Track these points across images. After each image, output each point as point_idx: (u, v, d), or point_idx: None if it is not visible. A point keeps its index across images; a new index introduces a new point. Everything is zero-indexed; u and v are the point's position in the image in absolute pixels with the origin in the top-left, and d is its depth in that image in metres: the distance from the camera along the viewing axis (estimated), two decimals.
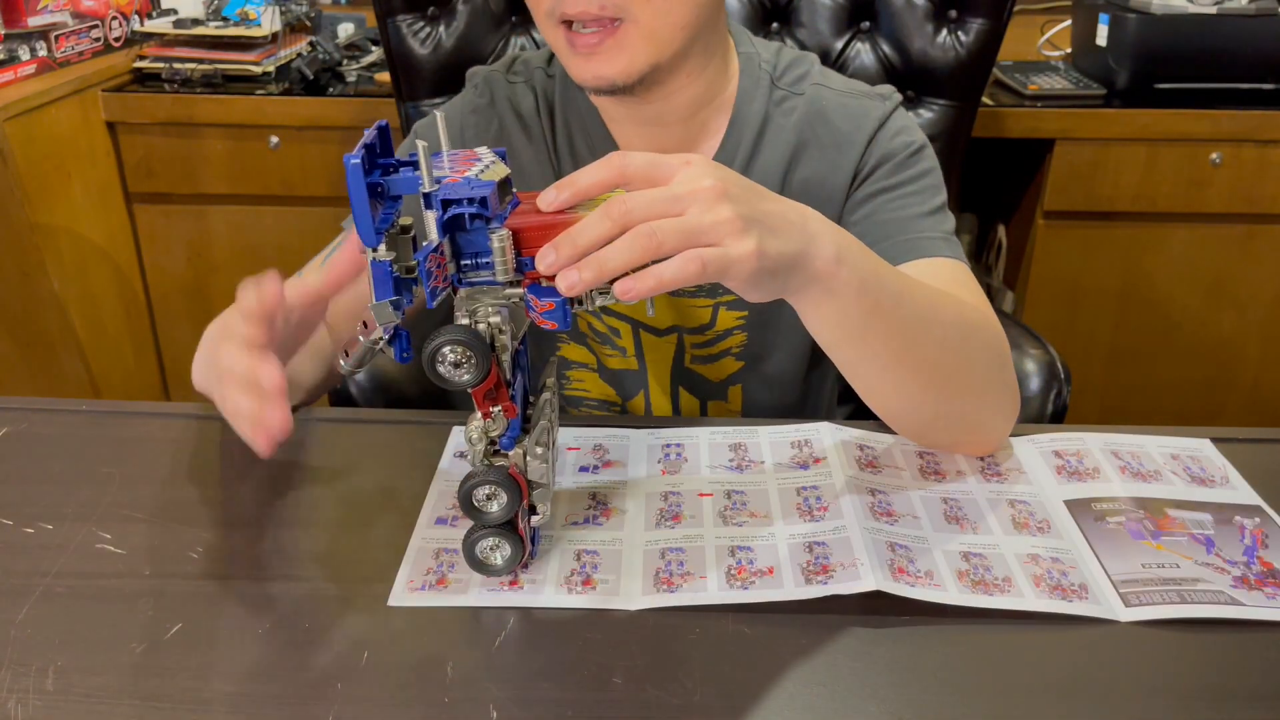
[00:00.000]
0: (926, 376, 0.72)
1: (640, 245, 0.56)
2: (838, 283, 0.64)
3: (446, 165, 0.60)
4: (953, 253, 0.85)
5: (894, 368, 0.71)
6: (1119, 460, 0.78)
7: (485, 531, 0.63)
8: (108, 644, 0.60)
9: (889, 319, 0.68)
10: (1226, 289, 1.86)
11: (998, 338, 0.78)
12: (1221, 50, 1.74)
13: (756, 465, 0.77)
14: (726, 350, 0.98)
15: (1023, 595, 0.64)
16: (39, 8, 1.70)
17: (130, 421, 0.85)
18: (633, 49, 0.80)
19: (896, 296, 0.69)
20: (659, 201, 0.57)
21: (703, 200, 0.58)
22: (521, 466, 0.64)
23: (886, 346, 0.69)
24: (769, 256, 0.60)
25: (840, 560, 0.66)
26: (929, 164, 0.91)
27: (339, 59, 1.93)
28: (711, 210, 0.58)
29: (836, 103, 0.92)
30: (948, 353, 0.72)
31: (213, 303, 1.95)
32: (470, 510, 0.63)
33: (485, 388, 0.60)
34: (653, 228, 0.56)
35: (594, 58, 0.81)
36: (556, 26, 0.81)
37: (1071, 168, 1.76)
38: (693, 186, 0.58)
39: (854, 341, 0.69)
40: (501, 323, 0.60)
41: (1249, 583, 0.65)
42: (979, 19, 1.32)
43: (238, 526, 0.71)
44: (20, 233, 1.65)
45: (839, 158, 0.91)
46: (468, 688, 0.57)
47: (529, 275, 0.58)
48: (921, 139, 0.92)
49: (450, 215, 0.57)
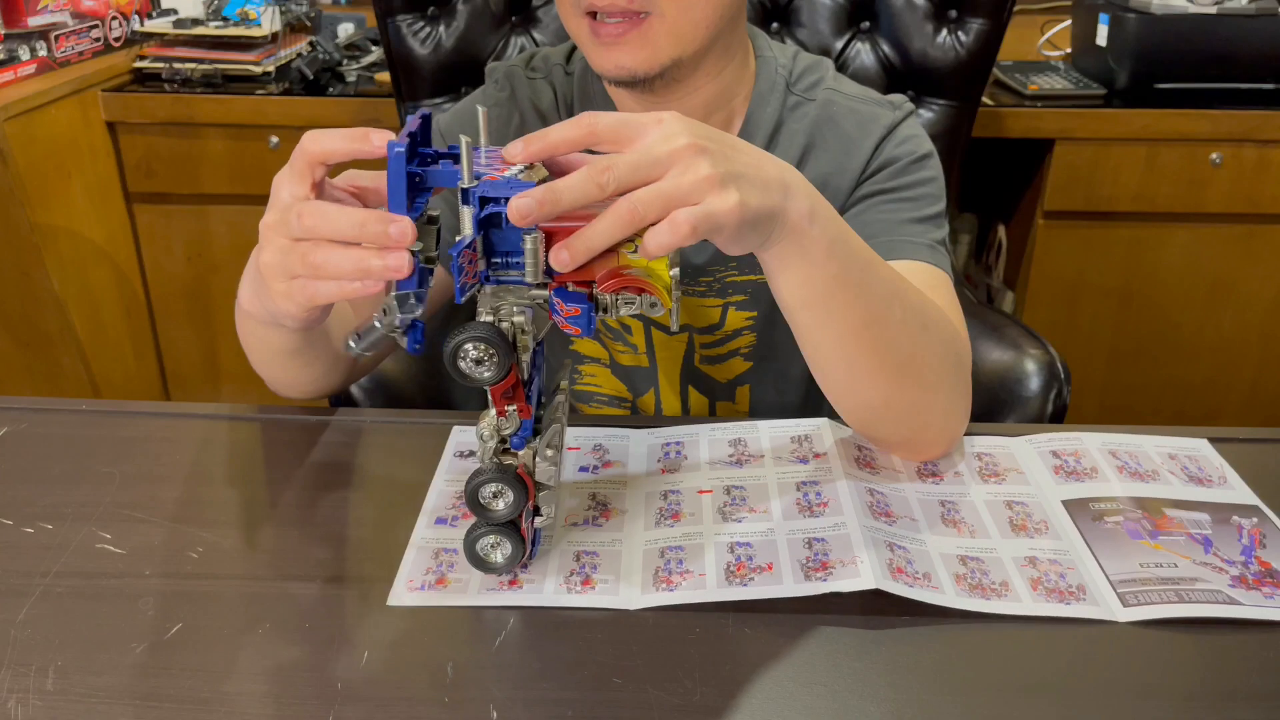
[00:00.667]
0: (881, 357, 0.71)
1: (624, 220, 0.56)
2: (808, 240, 0.65)
3: (484, 161, 0.60)
4: (935, 260, 0.85)
5: (850, 341, 0.70)
6: (1117, 460, 0.78)
7: (487, 529, 0.63)
8: (108, 644, 0.60)
9: (853, 288, 0.68)
10: (1226, 289, 1.86)
11: (958, 339, 0.78)
12: (1221, 50, 1.74)
13: (756, 459, 0.77)
14: (735, 351, 0.99)
15: (1020, 599, 0.64)
16: (39, 8, 1.70)
17: (130, 421, 0.85)
18: (656, 42, 0.81)
19: (864, 267, 0.69)
20: (641, 165, 0.57)
21: (682, 159, 0.58)
22: (530, 467, 0.64)
23: (846, 317, 0.69)
24: (750, 209, 0.60)
25: (840, 557, 0.66)
26: (931, 173, 0.91)
27: (339, 59, 1.93)
28: (690, 169, 0.58)
29: (847, 108, 0.92)
30: (906, 338, 0.72)
31: (213, 302, 1.95)
32: (476, 507, 0.63)
33: (504, 386, 0.60)
34: (634, 201, 0.56)
35: (617, 47, 0.81)
36: (581, 16, 0.82)
37: (1071, 168, 1.76)
38: (670, 146, 0.58)
39: (815, 305, 0.69)
40: (525, 323, 0.60)
41: (1247, 582, 0.65)
42: (979, 19, 1.32)
43: (238, 526, 0.71)
44: (20, 232, 1.66)
45: (845, 160, 0.91)
46: (468, 688, 0.57)
47: (556, 279, 0.58)
48: (927, 148, 0.92)
49: (487, 213, 0.57)
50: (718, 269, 0.94)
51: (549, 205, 0.55)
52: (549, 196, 0.55)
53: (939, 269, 0.84)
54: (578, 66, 0.95)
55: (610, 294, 0.58)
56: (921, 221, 0.88)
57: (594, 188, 0.56)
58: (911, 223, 0.87)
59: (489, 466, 0.62)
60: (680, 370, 1.00)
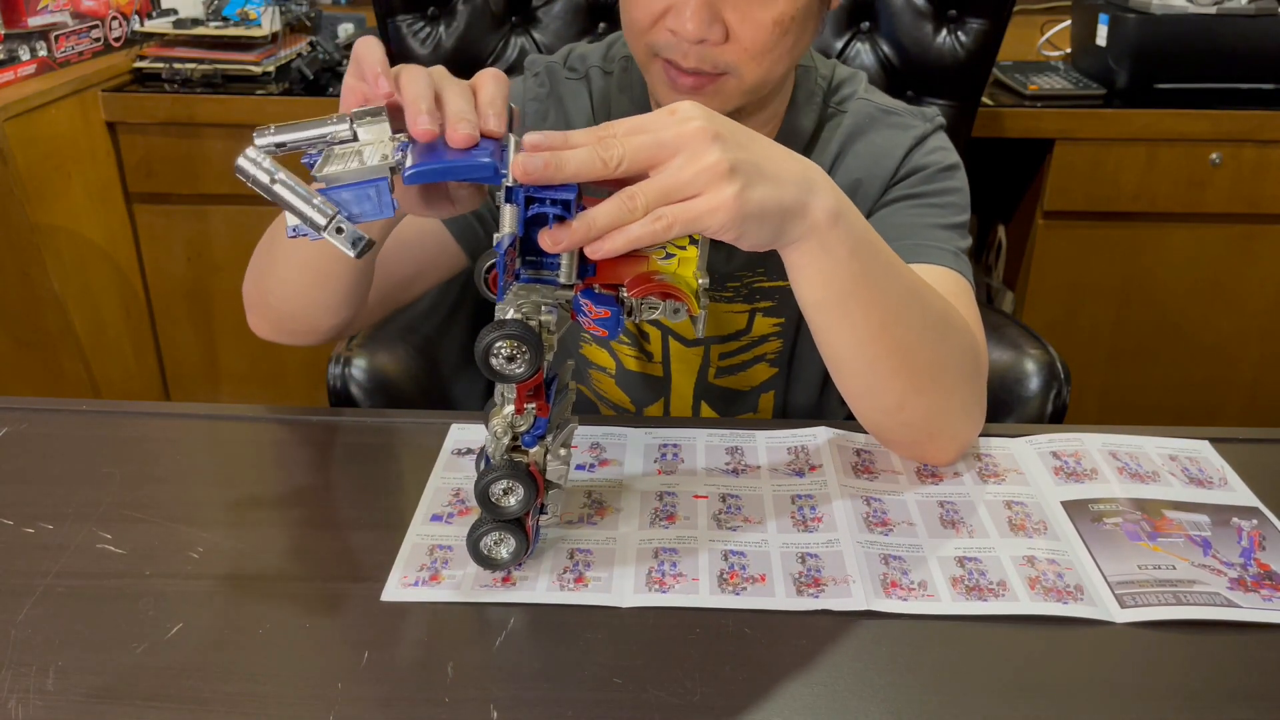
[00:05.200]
0: (900, 359, 0.71)
1: (624, 208, 0.57)
2: (832, 239, 0.64)
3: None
4: (959, 267, 0.85)
5: (870, 343, 0.70)
6: (1117, 461, 0.78)
7: (492, 525, 0.64)
8: (108, 644, 0.60)
9: (875, 289, 0.68)
10: (1226, 289, 1.86)
11: (977, 347, 0.78)
12: (1221, 50, 1.74)
13: (752, 470, 0.77)
14: (760, 357, 0.98)
15: (1017, 599, 0.64)
16: (39, 8, 1.70)
17: (130, 421, 0.85)
18: (730, 98, 0.81)
19: (886, 269, 0.69)
20: (646, 147, 0.57)
21: (690, 145, 0.58)
22: (541, 465, 0.64)
23: (867, 318, 0.69)
24: (752, 202, 0.59)
25: (832, 575, 0.66)
26: (957, 184, 0.91)
27: (339, 59, 1.93)
28: (697, 157, 0.57)
29: (879, 118, 0.93)
30: (926, 342, 0.72)
31: (213, 302, 1.95)
32: (486, 503, 0.63)
33: (532, 384, 0.60)
34: (633, 191, 0.57)
35: (690, 96, 0.80)
36: (654, 57, 0.81)
37: (1071, 168, 1.76)
38: (679, 130, 0.58)
39: (837, 305, 0.68)
40: (552, 322, 0.60)
41: (1246, 584, 0.65)
42: (979, 19, 1.32)
43: (238, 526, 0.71)
44: (20, 232, 1.66)
45: (874, 168, 0.91)
46: (468, 688, 0.57)
47: (586, 280, 0.59)
48: (955, 160, 0.92)
49: (533, 213, 0.57)
50: (745, 274, 0.94)
51: (554, 172, 0.56)
52: (553, 165, 0.56)
53: (962, 277, 0.84)
54: (618, 64, 0.94)
55: (637, 298, 0.59)
56: (946, 228, 0.88)
57: (603, 168, 0.56)
58: (937, 228, 0.87)
59: (501, 463, 0.62)
60: (694, 384, 1.00)
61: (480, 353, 0.58)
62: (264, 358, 1.98)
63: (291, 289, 0.81)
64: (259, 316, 0.86)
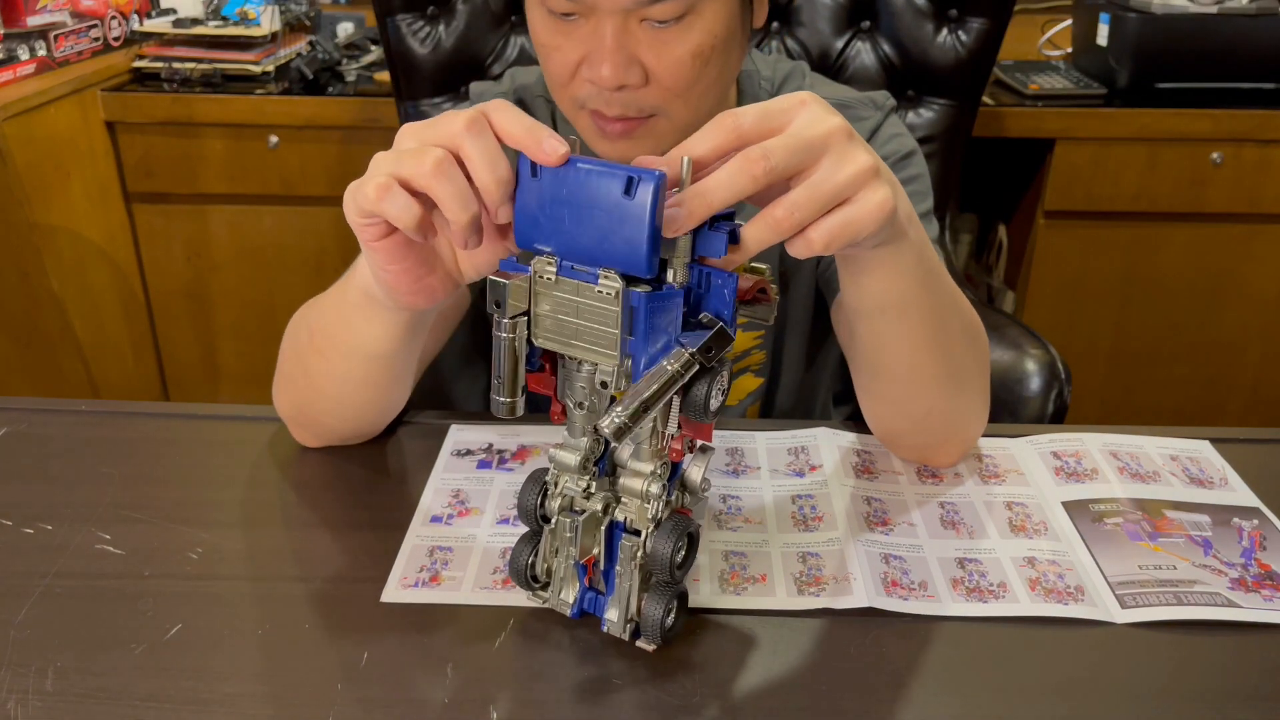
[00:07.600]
0: (942, 366, 0.69)
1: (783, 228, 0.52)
2: (905, 242, 0.61)
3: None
4: None
5: (920, 349, 0.68)
6: (1118, 461, 0.78)
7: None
8: (108, 644, 0.60)
9: (930, 295, 0.65)
10: (1227, 289, 1.86)
11: (987, 345, 0.77)
12: (1222, 50, 1.74)
13: (753, 470, 0.77)
14: (746, 369, 0.98)
15: (1018, 600, 0.64)
16: (38, 7, 1.70)
17: (130, 421, 0.85)
18: (663, 136, 0.79)
19: (937, 275, 0.66)
20: (798, 152, 0.52)
21: (837, 146, 0.53)
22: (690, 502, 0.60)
23: (922, 324, 0.66)
24: (896, 205, 0.55)
25: (833, 574, 0.66)
26: (916, 170, 0.90)
27: (338, 58, 1.93)
28: (846, 158, 0.53)
29: None
30: (960, 347, 0.71)
31: (212, 302, 1.95)
32: (667, 571, 0.57)
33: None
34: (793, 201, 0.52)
35: (621, 141, 0.79)
36: (580, 110, 0.79)
37: (1072, 168, 1.76)
38: (824, 128, 0.53)
39: (897, 311, 0.65)
40: None
41: (1246, 585, 0.65)
42: (979, 18, 1.32)
43: (238, 526, 0.71)
44: (20, 232, 1.66)
45: None
46: (468, 688, 0.57)
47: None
48: (910, 146, 0.91)
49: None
50: None
51: (702, 209, 0.51)
52: (699, 203, 0.51)
53: None
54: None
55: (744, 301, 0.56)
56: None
57: (751, 182, 0.51)
58: None
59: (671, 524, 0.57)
60: None
61: (699, 401, 0.53)
62: (264, 358, 1.98)
63: (352, 411, 0.77)
64: (309, 434, 0.80)
